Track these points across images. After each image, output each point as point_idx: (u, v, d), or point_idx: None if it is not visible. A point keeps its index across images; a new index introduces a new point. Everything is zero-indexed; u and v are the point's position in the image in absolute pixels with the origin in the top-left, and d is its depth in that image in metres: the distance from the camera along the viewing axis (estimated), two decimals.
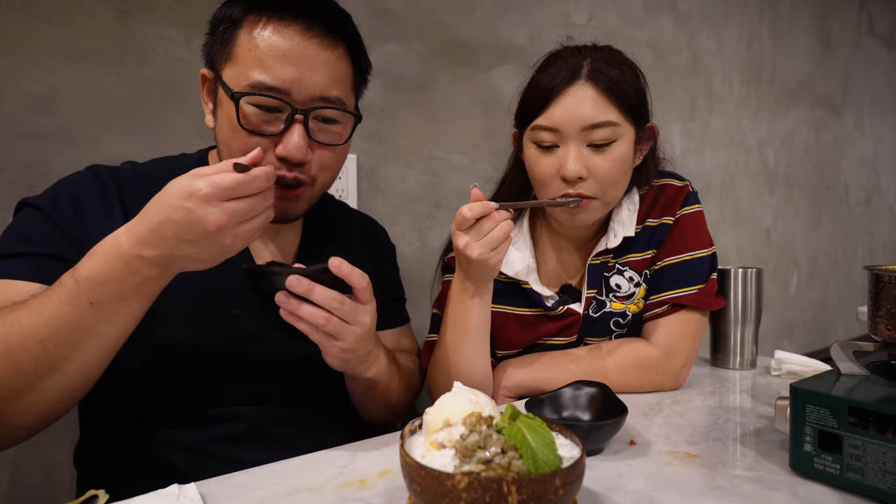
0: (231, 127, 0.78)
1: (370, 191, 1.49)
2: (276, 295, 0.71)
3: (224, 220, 0.61)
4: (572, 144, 0.91)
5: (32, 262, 0.73)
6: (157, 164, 0.89)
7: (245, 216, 0.63)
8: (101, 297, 0.63)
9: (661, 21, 2.22)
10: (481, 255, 0.81)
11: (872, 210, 3.48)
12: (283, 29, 0.77)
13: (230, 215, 0.61)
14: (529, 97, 0.95)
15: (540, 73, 0.96)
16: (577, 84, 0.91)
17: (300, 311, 0.71)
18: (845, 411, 0.60)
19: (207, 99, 0.85)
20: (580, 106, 0.90)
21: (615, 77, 0.91)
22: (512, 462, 0.48)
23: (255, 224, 0.65)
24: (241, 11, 0.78)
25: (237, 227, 0.63)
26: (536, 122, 0.93)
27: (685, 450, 0.74)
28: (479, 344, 0.93)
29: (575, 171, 0.90)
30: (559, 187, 0.93)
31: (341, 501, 0.61)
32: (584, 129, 0.90)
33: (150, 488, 0.61)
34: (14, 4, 1.03)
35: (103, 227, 0.76)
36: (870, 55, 3.38)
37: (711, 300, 1.02)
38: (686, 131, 2.36)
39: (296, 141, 0.77)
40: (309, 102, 0.78)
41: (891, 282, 0.68)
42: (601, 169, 0.92)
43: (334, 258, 0.72)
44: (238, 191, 0.62)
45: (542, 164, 0.94)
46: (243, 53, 0.77)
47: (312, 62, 0.78)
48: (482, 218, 0.81)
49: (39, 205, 0.77)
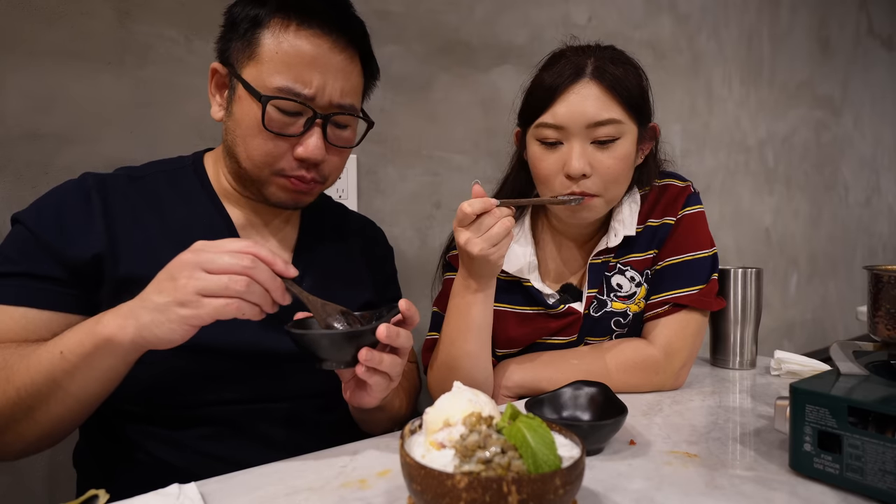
0: (252, 126, 0.80)
1: (370, 191, 1.49)
2: (362, 353, 0.68)
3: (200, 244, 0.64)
4: (576, 142, 0.92)
5: (13, 283, 0.74)
6: (151, 167, 0.90)
7: (222, 286, 0.63)
8: (69, 346, 0.66)
9: (661, 21, 2.22)
10: (482, 252, 0.82)
11: (872, 210, 3.48)
12: (310, 36, 0.79)
13: (206, 281, 0.63)
14: (534, 95, 0.96)
15: (544, 72, 0.96)
16: (581, 82, 0.92)
17: (383, 365, 0.70)
18: (845, 411, 0.60)
19: (216, 91, 0.86)
20: (585, 103, 0.91)
21: (619, 75, 0.92)
22: (512, 462, 0.48)
23: (230, 308, 0.63)
24: (268, 13, 0.79)
25: (205, 294, 0.63)
26: (541, 119, 0.94)
27: (685, 450, 0.74)
28: (481, 341, 0.93)
29: (579, 168, 0.91)
30: (563, 184, 0.94)
31: (341, 501, 0.61)
32: (589, 126, 0.91)
33: (150, 488, 0.61)
34: (14, 4, 1.03)
35: (83, 236, 0.77)
36: (869, 56, 3.38)
37: (712, 301, 1.02)
38: (686, 131, 2.36)
39: (315, 143, 0.81)
40: (328, 108, 0.81)
41: (890, 282, 0.68)
42: (604, 166, 0.92)
43: (403, 301, 0.74)
44: (230, 250, 0.64)
45: (546, 162, 0.94)
46: (269, 55, 0.79)
47: (334, 71, 0.81)
48: (483, 214, 0.82)
49: (24, 220, 0.78)
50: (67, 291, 0.76)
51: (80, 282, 0.76)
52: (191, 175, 0.89)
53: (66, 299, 0.75)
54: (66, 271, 0.75)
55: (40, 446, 0.74)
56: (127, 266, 0.77)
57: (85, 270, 0.76)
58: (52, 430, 0.71)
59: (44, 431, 0.71)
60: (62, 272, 0.75)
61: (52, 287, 0.75)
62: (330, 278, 0.93)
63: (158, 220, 0.83)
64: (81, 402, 0.69)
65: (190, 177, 0.89)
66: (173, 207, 0.85)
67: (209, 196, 0.88)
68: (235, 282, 0.62)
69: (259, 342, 0.83)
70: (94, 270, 0.76)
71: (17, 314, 0.73)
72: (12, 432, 0.70)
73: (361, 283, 0.99)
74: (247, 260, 0.63)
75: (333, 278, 0.94)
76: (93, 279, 0.77)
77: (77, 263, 0.76)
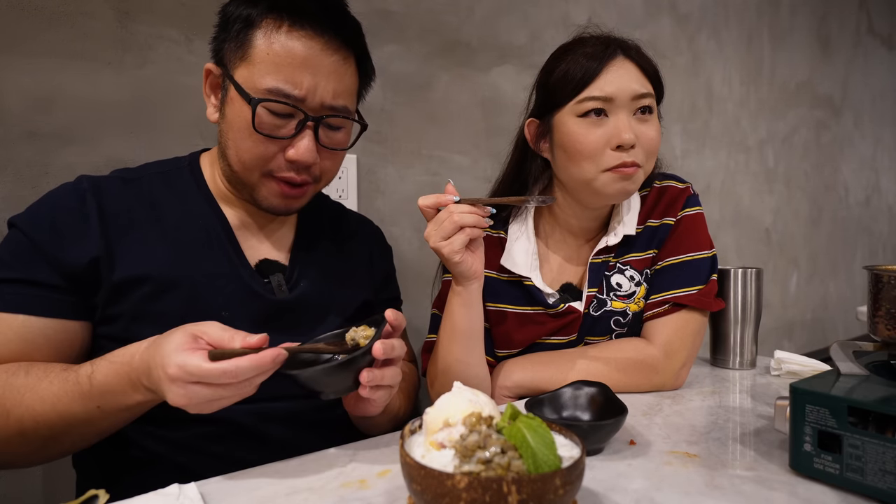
0: (242, 128, 0.80)
1: (370, 191, 1.49)
2: (363, 375, 0.68)
3: (183, 401, 0.61)
4: (623, 113, 0.93)
5: (9, 290, 0.74)
6: (147, 168, 0.89)
7: (208, 399, 0.62)
8: (108, 405, 0.68)
9: (661, 21, 2.22)
10: (435, 244, 0.84)
11: (872, 210, 3.48)
12: (301, 36, 0.78)
13: (188, 398, 0.61)
14: (569, 75, 0.95)
15: (569, 56, 0.97)
16: (618, 59, 0.95)
17: (384, 380, 0.70)
18: (845, 411, 0.60)
19: (210, 92, 0.86)
20: (628, 76, 0.94)
21: (643, 55, 0.97)
22: (512, 462, 0.48)
23: (223, 402, 0.63)
24: (260, 13, 0.78)
25: (200, 406, 0.62)
26: (585, 93, 0.94)
27: (685, 450, 0.74)
28: (467, 348, 0.93)
29: (631, 137, 0.92)
30: (612, 157, 0.93)
31: (341, 501, 0.61)
32: (633, 98, 0.93)
33: (150, 488, 0.61)
34: (14, 4, 1.03)
35: (79, 241, 0.77)
36: (869, 56, 3.38)
37: (711, 301, 1.02)
38: (686, 131, 2.36)
39: (306, 146, 0.80)
40: (319, 110, 0.81)
41: (890, 282, 0.68)
42: (647, 137, 0.95)
43: (389, 311, 0.73)
44: (203, 379, 0.60)
45: (593, 136, 0.94)
46: (260, 56, 0.78)
47: (327, 72, 0.80)
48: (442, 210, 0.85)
49: (20, 225, 0.78)
50: (64, 298, 0.75)
51: (77, 287, 0.76)
52: (187, 176, 0.89)
53: (64, 305, 0.75)
54: (62, 277, 0.75)
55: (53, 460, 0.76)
56: (124, 269, 0.77)
57: (82, 275, 0.76)
58: (66, 453, 0.75)
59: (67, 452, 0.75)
60: (59, 278, 0.75)
61: (49, 294, 0.75)
62: (327, 278, 0.93)
63: (154, 222, 0.82)
64: (116, 429, 0.74)
65: (186, 178, 0.89)
66: (169, 209, 0.84)
67: (205, 197, 0.88)
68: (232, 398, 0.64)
69: None
70: (91, 275, 0.76)
71: (15, 323, 0.73)
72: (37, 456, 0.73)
73: (359, 283, 0.98)
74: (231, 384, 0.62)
75: (331, 278, 0.93)
76: (90, 283, 0.76)
77: (74, 269, 0.75)
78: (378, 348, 0.68)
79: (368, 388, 0.69)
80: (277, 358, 0.63)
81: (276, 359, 0.62)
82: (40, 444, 0.71)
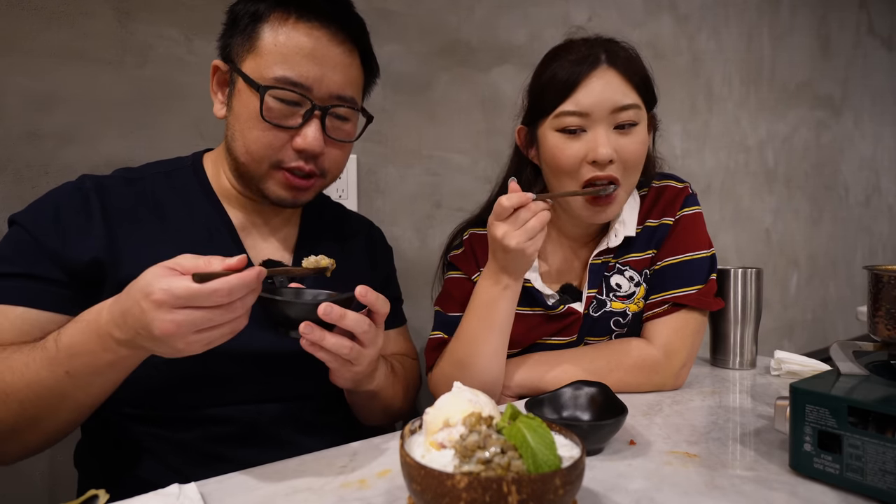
0: (250, 118, 0.81)
1: (370, 191, 1.49)
2: (301, 325, 0.67)
3: (170, 328, 0.58)
4: (601, 128, 0.92)
5: (10, 284, 0.74)
6: (149, 168, 0.90)
7: (199, 326, 0.59)
8: (76, 368, 0.65)
9: (661, 21, 2.22)
10: (518, 245, 0.83)
11: (872, 210, 3.48)
12: (308, 29, 0.80)
13: (178, 325, 0.58)
14: (550, 85, 0.95)
15: (554, 63, 0.96)
16: (600, 69, 0.93)
17: (325, 342, 0.69)
18: (845, 411, 0.60)
19: (217, 89, 0.87)
20: (608, 89, 0.92)
21: (631, 61, 0.94)
22: (512, 462, 0.48)
23: (214, 334, 0.61)
24: (268, 8, 0.81)
25: (189, 336, 0.59)
26: (562, 107, 0.93)
27: (685, 450, 0.74)
28: (503, 339, 0.93)
29: (607, 153, 0.91)
30: (588, 172, 0.94)
31: (341, 501, 0.61)
32: (613, 111, 0.92)
33: (150, 488, 0.61)
34: (14, 4, 1.03)
35: (82, 238, 0.77)
36: (869, 56, 3.38)
37: (711, 300, 1.02)
38: (686, 131, 2.36)
39: (314, 134, 0.81)
40: (327, 100, 0.82)
41: (890, 282, 0.68)
42: (628, 151, 0.93)
43: (360, 286, 0.72)
44: (192, 301, 0.58)
45: (570, 150, 0.94)
46: (268, 48, 0.80)
47: (333, 63, 0.82)
48: (520, 209, 0.84)
49: (21, 221, 0.78)
50: (66, 293, 0.76)
51: (78, 284, 0.76)
52: (190, 176, 0.89)
53: (65, 300, 0.75)
54: (64, 273, 0.75)
55: (41, 449, 0.74)
56: (128, 268, 0.77)
57: (84, 273, 0.76)
58: (57, 434, 0.73)
59: (48, 437, 0.72)
60: (60, 274, 0.75)
61: (50, 288, 0.75)
62: (329, 278, 0.93)
63: (157, 222, 0.83)
64: (89, 404, 0.71)
65: (189, 177, 0.89)
66: (172, 208, 0.85)
67: (208, 197, 0.88)
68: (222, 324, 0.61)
69: (259, 344, 0.82)
70: (94, 274, 0.76)
71: (14, 314, 0.73)
72: (14, 442, 0.71)
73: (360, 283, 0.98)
74: (221, 305, 0.59)
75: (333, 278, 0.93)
76: (93, 282, 0.77)
77: (76, 266, 0.76)
78: (322, 308, 0.67)
79: (309, 343, 0.69)
80: (261, 275, 0.61)
81: (259, 275, 0.61)
82: (12, 422, 0.67)
